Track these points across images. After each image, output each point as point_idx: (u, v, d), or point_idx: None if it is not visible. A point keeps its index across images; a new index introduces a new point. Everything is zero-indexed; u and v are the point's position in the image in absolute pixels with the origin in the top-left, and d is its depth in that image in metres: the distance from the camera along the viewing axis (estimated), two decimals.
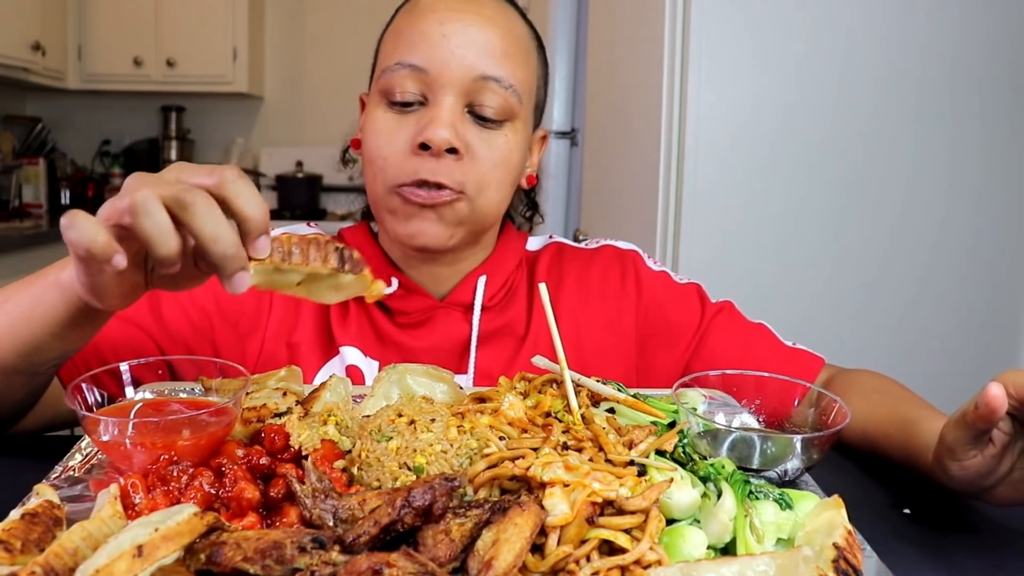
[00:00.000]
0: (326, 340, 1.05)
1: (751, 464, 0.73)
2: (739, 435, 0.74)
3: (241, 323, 1.05)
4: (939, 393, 1.82)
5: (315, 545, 0.54)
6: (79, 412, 0.71)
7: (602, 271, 1.13)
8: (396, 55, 0.98)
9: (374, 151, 0.98)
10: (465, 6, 0.98)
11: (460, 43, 0.95)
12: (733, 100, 1.73)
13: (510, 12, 1.03)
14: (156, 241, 0.61)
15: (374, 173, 0.99)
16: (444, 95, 0.96)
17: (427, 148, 0.95)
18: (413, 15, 0.99)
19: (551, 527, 0.58)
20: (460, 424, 0.72)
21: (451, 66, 0.95)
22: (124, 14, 4.24)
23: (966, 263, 1.81)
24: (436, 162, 0.95)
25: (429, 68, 0.95)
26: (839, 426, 0.75)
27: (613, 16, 2.22)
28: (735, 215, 1.76)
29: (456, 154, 0.96)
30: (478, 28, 0.97)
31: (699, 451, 0.73)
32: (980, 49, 1.73)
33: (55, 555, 0.52)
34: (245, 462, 0.67)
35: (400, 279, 1.06)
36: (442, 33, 0.95)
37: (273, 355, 1.04)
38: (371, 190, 1.02)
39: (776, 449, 0.73)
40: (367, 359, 1.04)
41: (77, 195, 4.41)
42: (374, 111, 1.00)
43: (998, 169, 1.78)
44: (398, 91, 0.97)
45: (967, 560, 0.71)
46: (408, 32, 0.98)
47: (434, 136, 0.94)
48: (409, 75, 0.96)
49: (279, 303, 1.06)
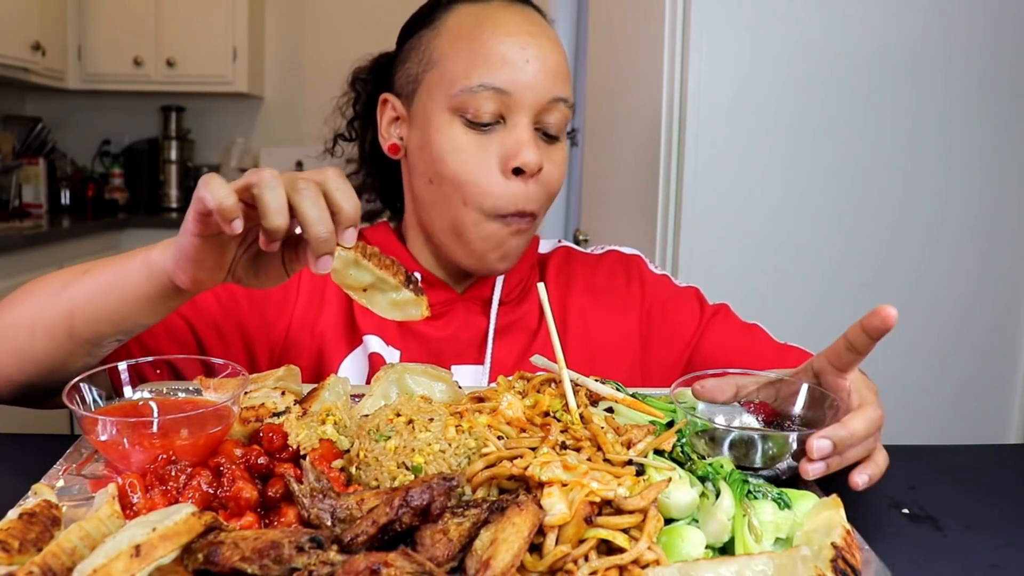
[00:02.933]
0: (350, 329, 1.08)
1: (752, 464, 0.73)
2: (737, 434, 0.74)
3: (268, 309, 1.07)
4: (939, 393, 1.83)
5: (313, 545, 0.54)
6: (77, 412, 0.71)
7: (608, 273, 1.18)
8: (477, 76, 0.98)
9: (461, 174, 1.00)
10: (537, 29, 1.02)
11: (541, 67, 0.99)
12: (733, 101, 1.73)
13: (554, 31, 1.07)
14: (272, 211, 0.69)
15: (462, 196, 1.01)
16: (522, 116, 0.99)
17: (519, 172, 0.99)
18: (486, 36, 1.00)
19: (549, 527, 0.58)
20: (458, 424, 0.72)
21: (533, 89, 0.99)
22: (124, 14, 4.24)
23: (966, 262, 1.80)
24: (525, 186, 1.00)
25: (514, 92, 0.98)
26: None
27: (613, 16, 2.22)
28: (735, 216, 1.76)
29: (539, 174, 1.01)
30: (550, 52, 1.01)
31: (698, 451, 0.73)
32: (978, 43, 1.73)
33: (53, 555, 0.52)
34: (243, 462, 0.67)
35: (423, 274, 1.10)
36: (525, 59, 0.99)
37: (298, 341, 1.07)
38: (455, 212, 1.02)
39: (775, 448, 0.73)
40: (389, 348, 1.06)
41: (77, 195, 4.41)
42: (447, 128, 1.00)
43: (999, 169, 1.78)
44: (477, 111, 0.99)
45: (966, 560, 0.71)
46: (486, 52, 0.99)
47: (529, 160, 0.98)
48: (491, 97, 0.98)
49: (305, 293, 1.08)
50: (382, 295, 0.78)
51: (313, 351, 1.06)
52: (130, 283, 0.81)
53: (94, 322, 0.84)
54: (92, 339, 0.85)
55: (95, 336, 0.85)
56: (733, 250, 1.78)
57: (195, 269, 0.76)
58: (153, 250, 0.80)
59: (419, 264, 1.11)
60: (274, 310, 1.07)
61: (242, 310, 1.06)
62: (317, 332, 1.07)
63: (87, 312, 0.83)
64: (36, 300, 0.87)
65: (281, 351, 1.06)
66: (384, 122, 1.09)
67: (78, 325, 0.84)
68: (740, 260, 1.78)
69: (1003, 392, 1.86)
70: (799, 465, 0.71)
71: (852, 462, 0.74)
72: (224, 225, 0.69)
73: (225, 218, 0.69)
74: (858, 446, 0.73)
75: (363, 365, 1.06)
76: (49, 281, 0.89)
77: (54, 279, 0.88)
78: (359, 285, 0.77)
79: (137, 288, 0.81)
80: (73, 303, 0.84)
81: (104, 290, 0.83)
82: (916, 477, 0.86)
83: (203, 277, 0.77)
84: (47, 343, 0.85)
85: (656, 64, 1.80)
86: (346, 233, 0.73)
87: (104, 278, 0.83)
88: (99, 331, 0.84)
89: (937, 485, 0.88)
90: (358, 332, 1.07)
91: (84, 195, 4.44)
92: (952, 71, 1.74)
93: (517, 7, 1.04)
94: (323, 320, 1.07)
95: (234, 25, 4.29)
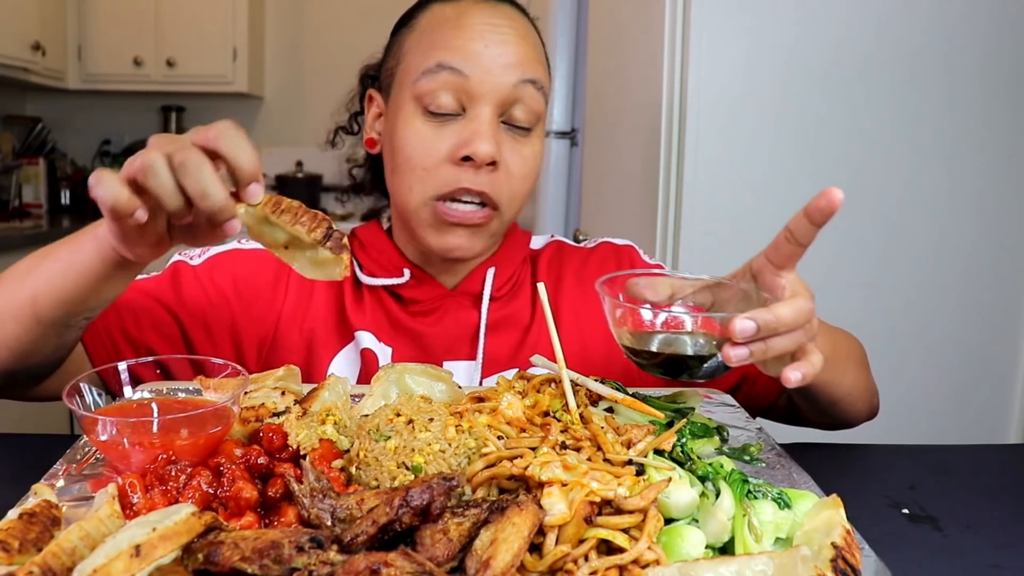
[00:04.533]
0: (341, 325, 1.08)
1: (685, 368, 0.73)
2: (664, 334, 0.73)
3: (256, 306, 1.07)
4: (939, 393, 1.83)
5: (313, 545, 0.54)
6: (77, 412, 0.71)
7: (599, 265, 1.17)
8: (435, 58, 0.99)
9: (412, 160, 1.00)
10: (501, 21, 1.01)
11: (500, 53, 0.99)
12: (733, 100, 1.73)
13: (531, 25, 1.07)
14: (163, 198, 0.68)
15: (410, 183, 1.01)
16: (482, 106, 0.99)
17: (468, 160, 0.98)
18: (448, 26, 1.01)
19: (549, 526, 0.58)
20: (458, 423, 0.71)
21: (492, 74, 0.98)
22: (124, 14, 4.24)
23: (967, 262, 1.80)
24: (475, 174, 0.98)
25: (471, 75, 0.98)
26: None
27: (613, 16, 2.22)
28: (735, 215, 1.76)
29: (494, 166, 0.99)
30: (515, 40, 1.01)
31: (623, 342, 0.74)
32: (978, 43, 1.73)
33: (53, 555, 0.52)
34: (243, 461, 0.67)
35: (412, 271, 1.09)
36: (484, 44, 0.99)
37: (287, 337, 1.07)
38: (403, 198, 1.03)
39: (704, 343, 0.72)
40: (380, 344, 1.07)
41: (77, 195, 4.40)
42: (410, 119, 1.00)
43: (999, 169, 1.78)
44: (437, 100, 0.98)
45: (966, 560, 0.71)
46: (445, 41, 0.99)
47: (479, 149, 0.97)
48: (449, 81, 0.98)
49: (294, 289, 1.08)
50: (301, 253, 0.74)
51: (302, 347, 1.06)
52: (84, 261, 0.81)
53: (57, 303, 0.84)
54: (58, 320, 0.85)
55: (61, 317, 0.85)
56: (733, 250, 1.77)
57: (133, 247, 0.76)
58: (100, 225, 0.79)
59: (407, 260, 1.10)
60: (263, 306, 1.07)
61: (231, 306, 1.06)
62: (306, 328, 1.07)
63: (49, 294, 0.84)
64: (2, 289, 0.88)
65: (270, 347, 1.06)
66: (369, 118, 1.12)
67: (42, 308, 0.84)
68: (740, 260, 1.76)
69: (1003, 392, 1.86)
70: (722, 351, 0.69)
71: (779, 353, 0.71)
72: (127, 219, 0.70)
73: (124, 213, 0.69)
74: (785, 336, 0.70)
75: (355, 361, 1.06)
76: (15, 269, 0.89)
77: (20, 266, 0.89)
78: (276, 243, 0.74)
79: (91, 265, 0.81)
80: (36, 287, 0.84)
81: (62, 271, 0.83)
82: (916, 477, 0.86)
83: (144, 251, 0.77)
84: (15, 329, 0.86)
85: (656, 63, 1.80)
86: (250, 189, 0.71)
87: (61, 258, 0.84)
88: (63, 311, 0.84)
89: (937, 485, 0.88)
90: (350, 328, 1.07)
91: (84, 195, 4.42)
92: (952, 71, 1.74)
93: (486, 3, 1.03)
94: (312, 315, 1.08)
95: (234, 25, 4.29)
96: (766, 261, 0.78)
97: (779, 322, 0.69)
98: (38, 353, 0.89)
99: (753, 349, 0.69)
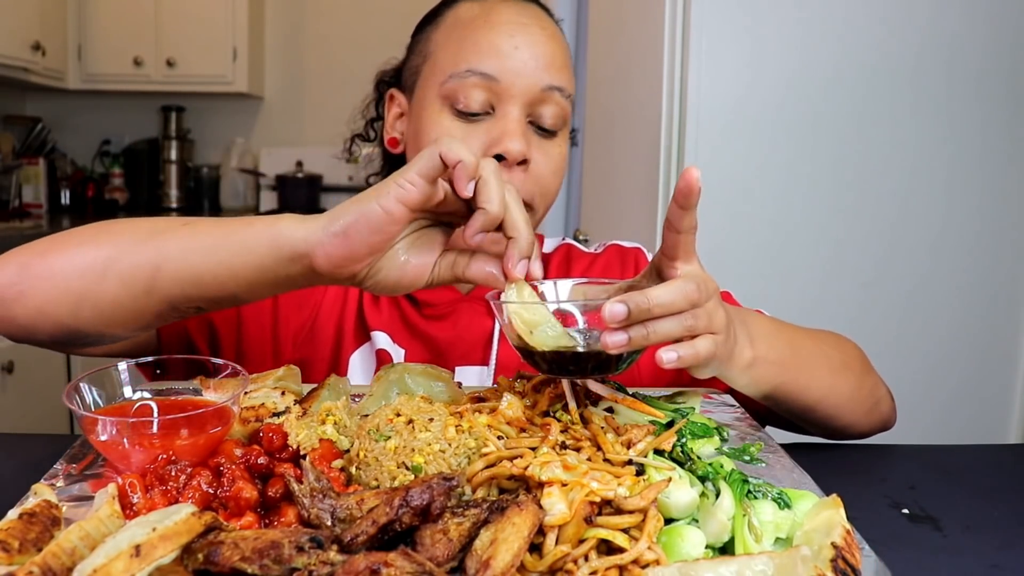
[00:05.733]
0: (360, 324, 1.09)
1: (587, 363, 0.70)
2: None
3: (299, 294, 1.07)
4: (939, 393, 1.83)
5: (313, 545, 0.54)
6: (77, 412, 0.71)
7: (604, 267, 1.18)
8: (464, 62, 0.99)
9: None
10: (529, 20, 1.01)
11: (530, 55, 0.99)
12: (733, 101, 1.73)
13: (556, 26, 1.07)
14: (495, 199, 0.69)
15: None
16: (511, 106, 0.99)
17: (499, 159, 0.97)
18: (478, 25, 1.01)
19: (549, 526, 0.58)
20: (458, 423, 0.71)
21: (522, 76, 0.98)
22: (124, 14, 4.24)
23: (966, 263, 1.80)
24: (507, 173, 0.98)
25: (501, 78, 0.98)
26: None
27: (613, 16, 2.22)
28: (734, 215, 1.76)
29: (524, 165, 0.99)
30: (544, 41, 1.01)
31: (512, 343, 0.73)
32: (979, 46, 1.73)
33: (53, 555, 0.52)
34: (243, 461, 0.67)
35: None
36: (514, 45, 0.98)
37: (322, 330, 1.08)
38: None
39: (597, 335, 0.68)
40: (395, 345, 1.07)
41: (77, 195, 4.41)
42: (438, 117, 1.00)
43: (999, 169, 1.78)
44: (467, 100, 0.98)
45: (966, 560, 0.71)
46: (474, 41, 0.99)
47: (511, 147, 0.97)
48: (479, 83, 0.98)
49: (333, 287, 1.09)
50: None
51: (332, 342, 1.07)
52: (245, 249, 0.73)
53: (184, 281, 0.76)
54: (174, 300, 0.77)
55: (179, 297, 0.77)
56: (733, 251, 1.78)
57: (351, 247, 0.70)
58: (279, 221, 0.73)
59: None
60: (306, 292, 1.08)
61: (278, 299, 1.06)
62: (339, 324, 1.08)
63: (179, 268, 0.75)
64: (115, 241, 0.78)
65: (306, 336, 1.07)
66: (390, 118, 1.11)
67: (163, 280, 0.76)
68: (740, 261, 1.78)
69: (1003, 392, 1.86)
70: (600, 339, 0.66)
71: (663, 338, 0.68)
72: (460, 183, 0.68)
73: (468, 175, 0.68)
74: (668, 320, 0.67)
75: (371, 360, 1.07)
76: (134, 225, 0.80)
77: (141, 223, 0.80)
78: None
79: (253, 256, 0.73)
80: (164, 254, 0.76)
81: (208, 249, 0.75)
82: (916, 477, 0.86)
83: (353, 255, 0.71)
84: (118, 291, 0.77)
85: (656, 64, 1.80)
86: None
87: (210, 236, 0.76)
88: (186, 293, 0.77)
89: (937, 485, 0.88)
90: (367, 328, 1.08)
91: (84, 195, 4.44)
92: (952, 75, 1.74)
93: (515, 1, 1.04)
94: (346, 311, 1.09)
95: (234, 25, 4.29)
96: (661, 255, 0.76)
97: (653, 303, 0.66)
98: (127, 324, 0.80)
99: (632, 335, 0.66)
